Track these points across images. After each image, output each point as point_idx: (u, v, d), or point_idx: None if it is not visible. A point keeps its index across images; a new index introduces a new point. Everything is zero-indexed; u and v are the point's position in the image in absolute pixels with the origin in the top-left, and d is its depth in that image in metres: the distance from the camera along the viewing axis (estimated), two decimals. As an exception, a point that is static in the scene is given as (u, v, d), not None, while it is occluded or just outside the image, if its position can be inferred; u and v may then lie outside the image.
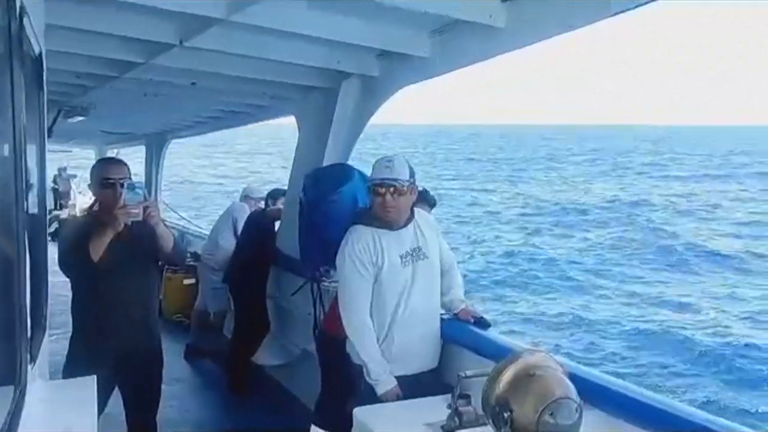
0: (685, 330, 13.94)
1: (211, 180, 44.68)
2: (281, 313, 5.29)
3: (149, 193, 3.26)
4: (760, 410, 10.07)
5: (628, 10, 2.57)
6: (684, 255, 21.65)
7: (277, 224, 5.49)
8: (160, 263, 3.36)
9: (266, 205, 5.89)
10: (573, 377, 1.93)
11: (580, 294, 17.49)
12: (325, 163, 4.58)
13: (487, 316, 3.24)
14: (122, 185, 2.87)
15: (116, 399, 3.15)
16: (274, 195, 5.83)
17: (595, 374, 2.55)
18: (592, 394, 2.22)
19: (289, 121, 5.49)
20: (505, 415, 1.83)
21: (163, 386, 3.34)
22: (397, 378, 2.92)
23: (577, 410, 1.82)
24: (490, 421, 1.92)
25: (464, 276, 3.47)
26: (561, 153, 72.91)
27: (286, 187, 5.57)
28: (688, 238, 23.94)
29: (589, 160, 62.82)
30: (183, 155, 44.81)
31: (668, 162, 58.45)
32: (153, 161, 10.74)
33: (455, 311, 3.22)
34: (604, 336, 13.74)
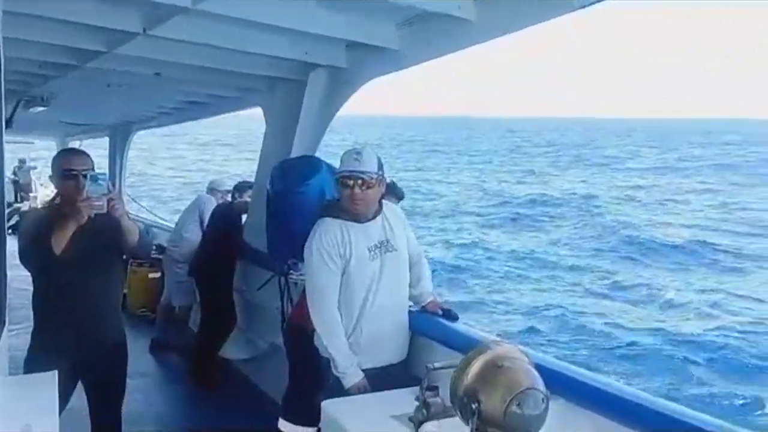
0: (629, 316, 14.55)
1: (170, 173, 43.93)
2: (248, 307, 5.25)
3: (113, 185, 3.20)
4: (709, 392, 10.51)
5: (595, 3, 2.60)
6: (642, 245, 22.22)
7: (244, 217, 5.44)
8: (124, 256, 3.30)
9: (233, 197, 5.83)
10: (540, 368, 1.95)
11: (535, 282, 17.90)
12: (292, 155, 4.54)
13: (446, 303, 3.28)
14: (85, 176, 2.79)
15: (80, 394, 3.09)
16: (240, 188, 5.78)
17: (562, 365, 2.60)
18: (559, 384, 2.25)
19: (256, 112, 5.43)
20: (473, 406, 1.84)
21: (127, 380, 3.28)
22: (366, 370, 2.91)
23: (543, 400, 1.85)
24: (458, 412, 1.94)
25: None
26: (524, 145, 73.71)
27: (252, 180, 5.52)
28: (644, 228, 24.51)
29: (552, 152, 63.58)
30: (141, 145, 44.06)
31: (630, 155, 59.47)
32: (117, 153, 10.55)
33: (423, 303, 3.24)
34: (560, 323, 14.13)
